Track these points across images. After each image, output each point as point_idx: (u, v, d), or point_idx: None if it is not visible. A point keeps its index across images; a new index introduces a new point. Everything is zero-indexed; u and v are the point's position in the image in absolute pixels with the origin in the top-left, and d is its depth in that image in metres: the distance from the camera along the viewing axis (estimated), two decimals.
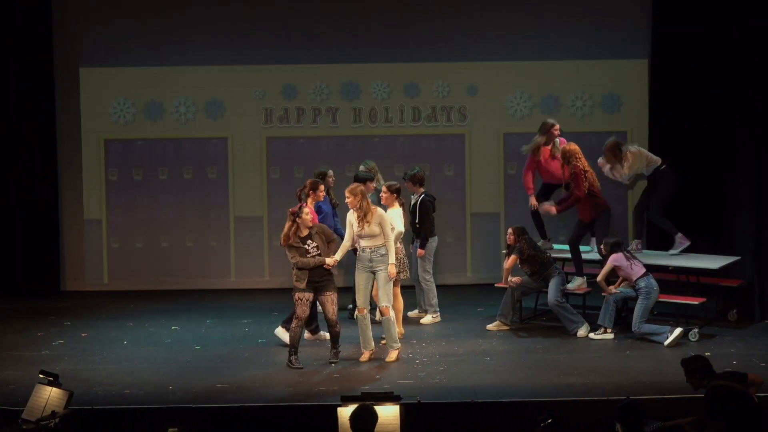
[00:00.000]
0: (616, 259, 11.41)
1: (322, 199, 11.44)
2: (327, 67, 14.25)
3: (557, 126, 12.41)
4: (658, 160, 12.18)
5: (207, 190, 14.39)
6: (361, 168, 12.34)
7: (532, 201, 12.44)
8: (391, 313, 10.57)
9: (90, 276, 14.32)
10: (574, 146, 11.87)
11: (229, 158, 14.32)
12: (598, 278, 11.51)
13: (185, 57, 14.18)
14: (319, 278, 10.53)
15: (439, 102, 14.32)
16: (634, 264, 11.41)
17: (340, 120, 14.32)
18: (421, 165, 13.45)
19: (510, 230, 11.80)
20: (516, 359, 10.68)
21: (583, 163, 11.75)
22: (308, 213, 10.60)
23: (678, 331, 11.08)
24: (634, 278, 11.34)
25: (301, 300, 10.56)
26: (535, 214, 12.49)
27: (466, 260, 14.36)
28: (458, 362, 10.57)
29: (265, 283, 14.31)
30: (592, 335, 11.38)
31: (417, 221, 12.06)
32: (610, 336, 11.33)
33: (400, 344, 10.68)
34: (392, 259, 10.50)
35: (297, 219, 10.52)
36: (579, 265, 12.05)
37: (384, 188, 11.37)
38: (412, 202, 12.19)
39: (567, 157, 11.75)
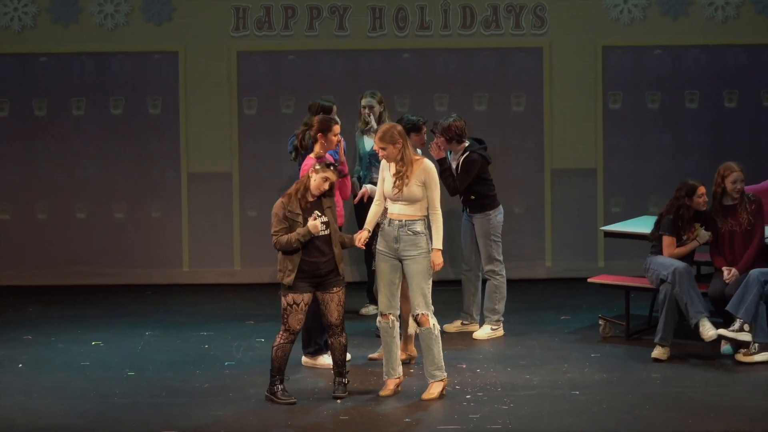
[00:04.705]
0: None
1: (335, 146, 11.44)
2: None
3: None
4: None
5: (146, 132, 14.55)
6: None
7: None
8: (433, 323, 10.55)
9: None
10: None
11: (181, 84, 14.46)
12: None
13: None
14: (325, 270, 10.50)
15: None
16: None
17: (350, 26, 14.43)
18: (477, 95, 13.57)
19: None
20: (620, 393, 10.70)
21: None
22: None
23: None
24: None
25: (295, 306, 10.46)
26: None
27: (544, 243, 14.60)
28: (531, 398, 10.61)
29: (234, 275, 14.54)
30: (723, 331, 11.49)
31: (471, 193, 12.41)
32: (748, 337, 11.48)
33: (445, 374, 10.71)
34: (438, 242, 10.49)
35: (312, 173, 10.43)
36: None
37: None
38: (454, 166, 12.38)
39: None
